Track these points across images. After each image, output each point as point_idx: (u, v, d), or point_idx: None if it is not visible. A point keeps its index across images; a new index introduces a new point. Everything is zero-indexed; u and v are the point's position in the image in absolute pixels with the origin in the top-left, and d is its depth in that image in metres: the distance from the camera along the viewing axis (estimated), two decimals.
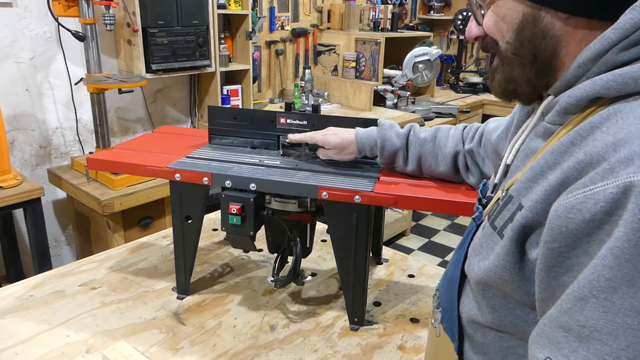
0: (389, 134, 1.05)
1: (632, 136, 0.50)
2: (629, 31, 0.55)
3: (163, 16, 2.47)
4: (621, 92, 0.55)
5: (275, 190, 1.03)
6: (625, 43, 0.55)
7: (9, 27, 2.26)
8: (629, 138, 0.50)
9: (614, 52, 0.56)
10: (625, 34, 0.55)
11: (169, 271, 1.27)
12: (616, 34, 0.56)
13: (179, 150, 1.20)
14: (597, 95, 0.57)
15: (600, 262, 0.48)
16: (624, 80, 0.54)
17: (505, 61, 0.65)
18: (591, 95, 0.57)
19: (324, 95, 3.57)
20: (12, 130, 2.36)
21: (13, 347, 0.99)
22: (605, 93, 0.56)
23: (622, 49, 0.56)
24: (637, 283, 0.46)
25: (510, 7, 0.62)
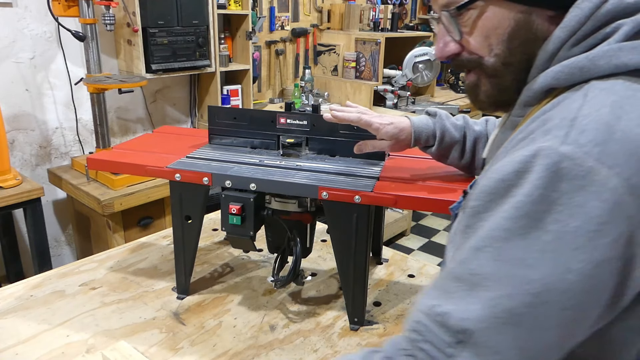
0: (447, 125, 1.00)
1: (559, 114, 0.54)
2: (575, 27, 0.58)
3: (163, 16, 2.47)
4: (570, 82, 0.57)
5: (275, 190, 1.03)
6: (574, 39, 0.58)
7: (9, 27, 2.26)
8: (555, 115, 0.54)
9: (565, 49, 0.59)
10: (572, 31, 0.58)
11: (169, 271, 1.27)
12: (564, 32, 0.58)
13: (179, 150, 1.20)
14: (549, 86, 0.59)
15: (501, 214, 0.52)
16: (571, 71, 0.57)
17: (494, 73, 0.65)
18: (545, 86, 0.60)
19: (324, 95, 3.57)
20: (12, 130, 2.36)
21: (13, 347, 0.99)
22: (556, 83, 0.58)
23: (573, 45, 0.58)
24: (530, 236, 0.50)
25: (500, 17, 0.62)
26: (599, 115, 0.51)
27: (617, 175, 0.48)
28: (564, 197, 0.49)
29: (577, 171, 0.48)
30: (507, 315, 0.50)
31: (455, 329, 0.51)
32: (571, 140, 0.50)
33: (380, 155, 1.16)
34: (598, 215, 0.48)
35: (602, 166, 0.48)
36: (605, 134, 0.49)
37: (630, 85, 0.54)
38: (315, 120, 1.16)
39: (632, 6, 0.56)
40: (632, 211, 0.48)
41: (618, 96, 0.52)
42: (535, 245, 0.49)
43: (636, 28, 0.55)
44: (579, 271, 0.48)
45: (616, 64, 0.54)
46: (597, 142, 0.49)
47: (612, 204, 0.48)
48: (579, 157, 0.49)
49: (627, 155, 0.48)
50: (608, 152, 0.48)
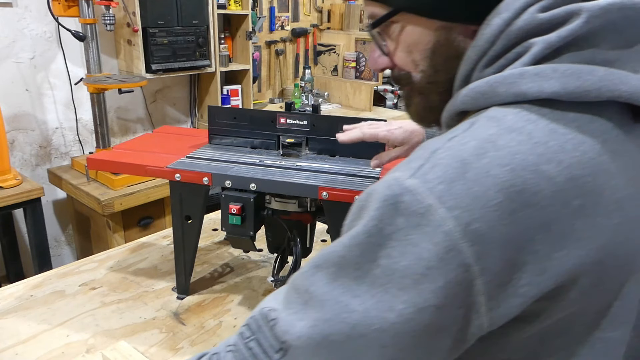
0: None
1: (431, 143, 0.50)
2: (484, 47, 0.53)
3: (163, 16, 2.48)
4: (476, 106, 0.53)
5: (275, 190, 1.03)
6: (486, 60, 0.53)
7: (9, 27, 2.26)
8: (428, 144, 0.50)
9: (478, 70, 0.54)
10: (482, 51, 0.53)
11: (169, 271, 1.27)
12: (475, 52, 0.54)
13: (179, 150, 1.20)
14: (459, 109, 0.55)
15: (341, 239, 0.50)
16: (475, 95, 0.52)
17: (421, 91, 0.62)
18: (455, 109, 0.56)
19: (324, 95, 3.57)
20: (12, 130, 2.36)
21: (13, 347, 0.99)
22: (464, 107, 0.54)
23: (485, 65, 0.53)
24: (362, 268, 0.48)
25: (419, 33, 0.58)
26: (460, 149, 0.47)
27: (455, 219, 0.44)
28: (399, 233, 0.45)
29: (415, 207, 0.45)
30: (322, 339, 0.48)
31: (280, 338, 0.51)
32: (420, 174, 0.46)
33: None
34: (427, 259, 0.44)
35: (441, 206, 0.44)
36: (457, 171, 0.45)
37: (524, 116, 0.48)
38: (315, 120, 1.16)
39: (547, 23, 0.49)
40: (469, 260, 0.44)
41: (501, 128, 0.47)
42: (366, 277, 0.47)
43: (547, 49, 0.49)
44: (399, 312, 0.45)
45: (515, 93, 0.49)
46: (444, 179, 0.45)
47: (443, 249, 0.44)
48: (420, 193, 0.45)
49: (471, 198, 0.44)
50: (452, 192, 0.44)
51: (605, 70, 0.48)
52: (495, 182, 0.44)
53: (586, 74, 0.47)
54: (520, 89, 0.49)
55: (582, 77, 0.47)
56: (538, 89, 0.48)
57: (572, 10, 0.49)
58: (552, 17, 0.49)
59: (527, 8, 0.50)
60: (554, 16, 0.49)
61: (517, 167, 0.45)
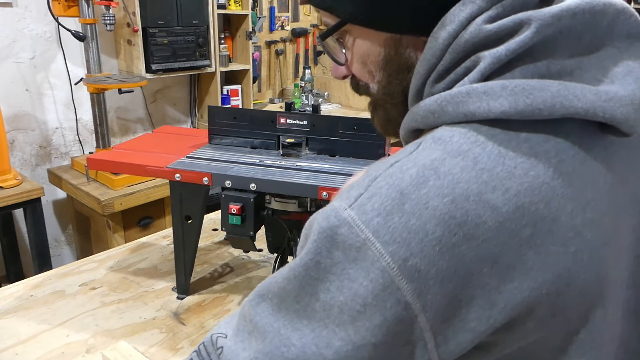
0: None
1: (375, 167, 0.48)
2: (432, 62, 0.49)
3: (163, 16, 2.48)
4: (428, 125, 0.50)
5: (275, 190, 1.03)
6: (435, 75, 0.49)
7: (9, 27, 2.26)
8: (372, 168, 0.48)
9: (429, 86, 0.51)
10: (430, 65, 0.49)
11: (169, 271, 1.27)
12: (423, 67, 0.50)
13: (179, 150, 1.20)
14: (412, 127, 0.53)
15: (282, 270, 0.49)
16: (425, 114, 0.49)
17: (379, 102, 0.60)
18: (408, 127, 0.53)
19: (324, 95, 3.57)
20: (12, 130, 2.36)
21: (13, 347, 0.99)
22: (416, 125, 0.51)
23: (435, 80, 0.50)
24: (302, 301, 0.46)
25: (369, 44, 0.55)
26: (400, 177, 0.44)
27: (391, 255, 0.41)
28: (337, 267, 0.44)
29: (352, 241, 0.43)
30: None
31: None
32: (357, 205, 0.44)
33: (380, 155, 1.16)
34: (363, 296, 0.42)
35: (376, 240, 0.42)
36: (394, 202, 0.42)
37: (472, 137, 0.45)
38: (315, 120, 1.16)
39: (495, 34, 0.46)
40: (408, 297, 0.41)
41: (445, 152, 0.44)
42: (305, 311, 0.46)
43: (495, 64, 0.45)
44: (337, 349, 0.44)
45: (464, 112, 0.45)
46: (380, 211, 0.42)
47: (380, 286, 0.42)
48: (357, 226, 0.43)
49: (408, 232, 0.41)
50: (388, 225, 0.42)
51: (559, 85, 0.44)
52: (433, 215, 0.41)
53: (537, 91, 0.44)
54: (469, 109, 0.45)
55: (533, 93, 0.44)
56: (486, 108, 0.44)
57: (520, 20, 0.45)
58: (500, 29, 0.46)
59: (474, 19, 0.47)
60: (502, 27, 0.46)
61: (459, 198, 0.42)
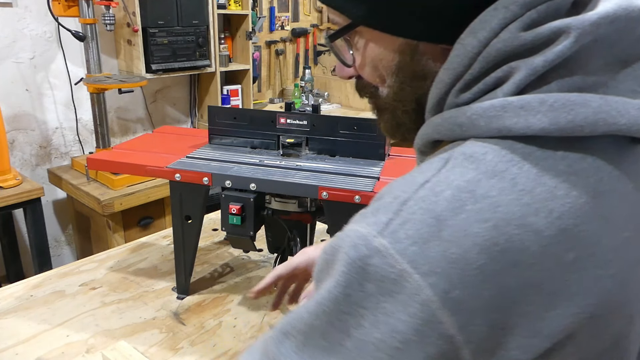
0: None
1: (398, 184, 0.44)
2: (459, 71, 0.45)
3: (163, 16, 2.48)
4: (451, 137, 0.46)
5: (275, 190, 1.03)
6: (462, 84, 0.46)
7: (9, 27, 2.26)
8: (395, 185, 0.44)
9: (453, 95, 0.47)
10: (457, 74, 0.46)
11: (169, 271, 1.27)
12: (448, 76, 0.46)
13: (179, 150, 1.20)
14: (433, 138, 0.49)
15: (307, 304, 0.45)
16: (450, 127, 0.46)
17: (388, 107, 0.56)
18: (428, 138, 0.50)
19: (324, 95, 3.57)
20: (12, 130, 2.36)
21: (13, 347, 0.99)
22: (439, 137, 0.48)
23: (460, 90, 0.46)
24: (330, 338, 0.42)
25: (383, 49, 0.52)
26: (434, 201, 0.40)
27: (432, 287, 0.38)
28: (370, 301, 0.40)
29: (386, 272, 0.39)
30: None
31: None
32: (389, 232, 0.40)
33: (381, 155, 1.16)
34: (402, 332, 0.39)
35: (414, 272, 0.38)
36: (431, 229, 0.39)
37: (507, 155, 0.42)
38: (315, 120, 1.16)
39: (530, 43, 0.42)
40: (451, 330, 0.39)
41: (479, 172, 0.41)
42: (335, 349, 0.42)
43: (531, 76, 0.42)
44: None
45: (498, 128, 0.42)
46: (417, 239, 0.39)
47: (420, 321, 0.39)
48: (391, 256, 0.39)
49: (448, 262, 0.38)
50: (426, 255, 0.39)
51: (600, 100, 0.41)
52: (475, 242, 0.39)
53: (579, 106, 0.41)
54: (504, 124, 0.42)
55: (574, 109, 0.41)
56: (524, 124, 0.41)
57: (559, 28, 0.42)
58: (536, 37, 0.42)
59: (507, 25, 0.43)
60: (538, 36, 0.42)
61: (500, 223, 0.39)
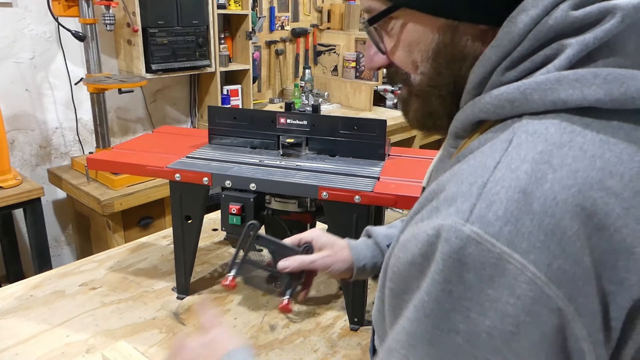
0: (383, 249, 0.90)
1: (466, 172, 0.44)
2: (508, 47, 0.46)
3: (163, 16, 2.47)
4: (500, 116, 0.47)
5: (275, 190, 1.03)
6: (509, 61, 0.47)
7: (9, 27, 2.26)
8: (461, 173, 0.44)
9: (498, 74, 0.48)
10: (505, 52, 0.47)
11: (169, 271, 1.27)
12: (496, 53, 0.47)
13: (179, 150, 1.20)
14: (477, 118, 0.49)
15: (406, 314, 0.44)
16: (500, 103, 0.46)
17: (420, 94, 0.56)
18: (472, 118, 0.50)
19: (324, 95, 3.57)
20: (12, 130, 2.36)
21: (13, 347, 0.99)
22: (485, 116, 0.48)
23: (507, 68, 0.47)
24: (437, 341, 0.41)
25: (421, 32, 0.52)
26: (515, 177, 0.40)
27: (534, 264, 0.38)
28: (473, 291, 0.40)
29: (484, 258, 0.39)
30: None
31: None
32: (476, 217, 0.40)
33: (380, 155, 1.16)
34: (513, 315, 0.39)
35: (513, 252, 0.38)
36: (520, 205, 0.39)
37: (568, 127, 0.43)
38: (315, 120, 1.16)
39: (580, 21, 0.44)
40: (560, 303, 0.39)
41: (549, 144, 0.42)
42: (445, 351, 0.41)
43: (583, 51, 0.44)
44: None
45: (553, 100, 0.43)
46: (508, 218, 0.39)
47: (530, 300, 0.38)
48: (486, 241, 0.39)
49: (546, 234, 0.38)
50: (522, 233, 0.38)
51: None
52: (566, 210, 0.39)
53: (630, 80, 0.43)
54: (559, 97, 0.43)
55: (626, 82, 0.42)
56: (580, 95, 0.43)
57: (606, 8, 0.44)
58: (586, 16, 0.44)
59: (558, 4, 0.45)
60: (588, 15, 0.44)
61: (583, 188, 0.40)
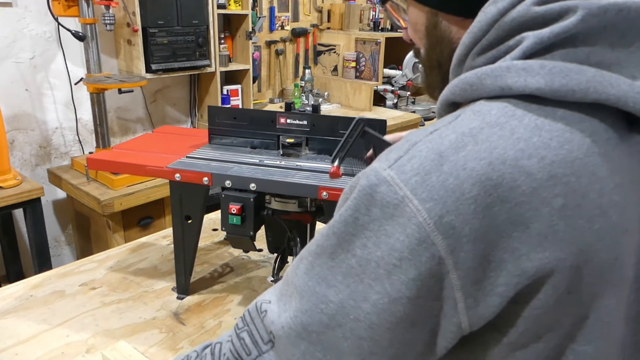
0: None
1: (412, 134, 0.50)
2: (478, 35, 0.52)
3: (163, 16, 2.47)
4: (465, 98, 0.52)
5: (275, 190, 1.03)
6: (479, 47, 0.52)
7: (9, 27, 2.26)
8: (410, 136, 0.50)
9: (471, 58, 0.53)
10: (476, 38, 0.52)
11: (169, 271, 1.27)
12: (469, 38, 0.53)
13: (179, 150, 1.20)
14: (450, 100, 0.55)
15: (322, 229, 0.51)
16: (463, 86, 0.52)
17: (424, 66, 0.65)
18: (445, 100, 0.55)
19: (324, 95, 3.57)
20: (12, 130, 2.36)
21: (13, 347, 0.99)
22: (454, 98, 0.54)
23: (477, 53, 0.53)
24: (337, 257, 0.48)
25: (416, 15, 0.61)
26: (439, 142, 0.46)
27: (428, 211, 0.43)
28: (374, 224, 0.46)
29: (390, 198, 0.45)
30: (302, 330, 0.49)
31: (267, 328, 0.53)
32: (396, 165, 0.46)
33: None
34: (399, 250, 0.44)
35: (414, 197, 0.44)
36: (433, 163, 0.45)
37: (509, 111, 0.47)
38: (315, 120, 1.16)
39: (541, 16, 0.48)
40: (442, 252, 0.44)
41: (484, 122, 0.47)
42: (340, 267, 0.48)
43: (538, 45, 0.48)
44: (374, 303, 0.46)
45: (500, 86, 0.48)
46: (419, 171, 0.45)
47: (415, 241, 0.44)
48: (395, 184, 0.45)
49: (445, 190, 0.44)
50: (426, 184, 0.44)
51: (596, 72, 0.46)
52: (470, 175, 0.44)
53: (574, 73, 0.46)
54: (506, 82, 0.48)
55: (568, 75, 0.46)
56: (523, 83, 0.47)
57: (568, 6, 0.47)
58: (547, 12, 0.48)
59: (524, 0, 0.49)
60: (549, 11, 0.48)
61: (495, 161, 0.44)
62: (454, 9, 0.57)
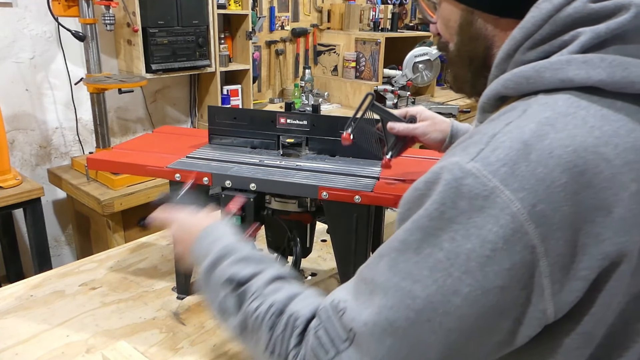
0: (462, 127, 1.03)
1: (487, 128, 0.51)
2: (531, 30, 0.53)
3: (163, 16, 2.47)
4: (519, 92, 0.54)
5: (275, 190, 1.03)
6: (530, 42, 0.54)
7: (9, 27, 2.26)
8: (483, 129, 0.51)
9: (521, 52, 0.55)
10: (528, 33, 0.53)
11: (169, 271, 1.27)
12: (520, 33, 0.54)
13: (179, 150, 1.20)
14: (500, 94, 0.56)
15: (404, 225, 0.51)
16: (518, 80, 0.53)
17: (452, 61, 0.66)
18: (496, 94, 0.56)
19: (324, 95, 3.56)
20: (12, 130, 2.36)
21: (13, 347, 0.99)
22: (506, 92, 0.55)
23: (528, 48, 0.54)
24: (423, 252, 0.48)
25: (450, 11, 0.63)
26: (520, 132, 0.47)
27: (521, 201, 0.44)
28: (462, 216, 0.46)
29: (478, 190, 0.46)
30: (387, 325, 0.49)
31: (347, 326, 0.52)
32: (480, 157, 0.47)
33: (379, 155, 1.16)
34: (493, 241, 0.45)
35: (505, 188, 0.45)
36: (519, 153, 0.46)
37: (575, 102, 0.49)
38: (315, 120, 1.16)
39: (596, 13, 0.50)
40: (535, 241, 0.45)
41: (555, 112, 0.48)
42: (427, 262, 0.48)
43: (595, 39, 0.50)
44: (465, 295, 0.46)
45: (561, 79, 0.50)
46: (506, 161, 0.46)
47: (509, 231, 0.45)
48: (483, 176, 0.46)
49: (536, 180, 0.45)
50: (516, 174, 0.45)
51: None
52: (559, 163, 0.45)
53: (633, 66, 0.48)
54: (567, 75, 0.49)
55: (628, 68, 0.48)
56: (585, 75, 0.49)
57: (621, 4, 0.50)
58: (602, 9, 0.50)
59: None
60: (604, 8, 0.50)
61: (579, 148, 0.45)
62: (493, 8, 0.58)
